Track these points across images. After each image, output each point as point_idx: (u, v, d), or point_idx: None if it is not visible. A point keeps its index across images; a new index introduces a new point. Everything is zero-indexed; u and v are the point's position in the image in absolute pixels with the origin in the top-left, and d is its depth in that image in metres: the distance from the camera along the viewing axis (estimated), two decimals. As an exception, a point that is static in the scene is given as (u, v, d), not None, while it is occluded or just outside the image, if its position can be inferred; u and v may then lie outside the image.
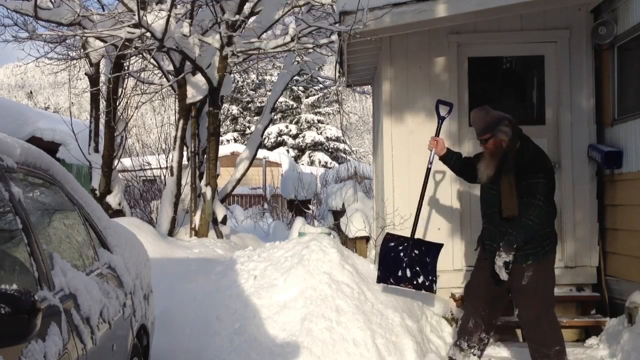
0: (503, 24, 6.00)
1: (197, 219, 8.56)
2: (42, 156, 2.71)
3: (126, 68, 9.50)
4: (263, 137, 12.01)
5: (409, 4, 5.31)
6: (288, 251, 5.33)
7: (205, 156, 8.94)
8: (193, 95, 8.68)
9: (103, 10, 9.82)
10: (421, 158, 5.55)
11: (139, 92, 10.20)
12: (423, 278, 5.02)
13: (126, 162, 12.85)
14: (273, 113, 11.16)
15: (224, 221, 9.38)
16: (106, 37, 7.64)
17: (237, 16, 7.90)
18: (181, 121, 8.83)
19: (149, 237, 6.83)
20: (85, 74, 9.39)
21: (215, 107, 8.60)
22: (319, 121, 38.28)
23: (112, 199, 8.86)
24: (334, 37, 7.48)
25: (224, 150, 23.79)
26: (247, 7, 8.50)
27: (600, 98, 5.91)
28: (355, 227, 7.51)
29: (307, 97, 38.18)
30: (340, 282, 4.92)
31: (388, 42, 6.05)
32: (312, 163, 35.41)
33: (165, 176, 10.50)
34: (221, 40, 7.98)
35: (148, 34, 7.23)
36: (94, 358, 2.54)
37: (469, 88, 6.09)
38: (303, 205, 15.57)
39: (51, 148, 12.59)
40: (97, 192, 8.76)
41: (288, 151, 34.68)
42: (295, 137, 37.64)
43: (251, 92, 35.92)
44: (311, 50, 9.23)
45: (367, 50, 6.40)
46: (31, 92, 55.56)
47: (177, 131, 8.94)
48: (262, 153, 23.07)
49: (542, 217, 4.29)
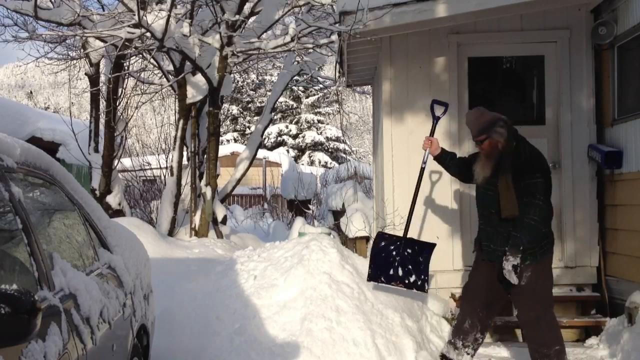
0: (503, 24, 6.00)
1: (197, 219, 8.56)
2: (42, 156, 2.71)
3: (126, 68, 9.50)
4: (263, 137, 12.01)
5: (409, 4, 5.32)
6: (288, 251, 5.33)
7: (205, 156, 8.94)
8: (193, 95, 8.68)
9: (103, 10, 9.82)
10: (421, 158, 5.54)
11: (139, 92, 10.20)
12: (415, 277, 5.00)
13: (126, 162, 12.85)
14: (273, 113, 11.16)
15: (224, 221, 9.38)
16: (106, 37, 7.64)
17: (237, 16, 7.90)
18: (181, 121, 8.83)
19: (149, 237, 6.84)
20: (85, 74, 9.39)
21: (215, 107, 8.60)
22: (319, 121, 38.27)
23: (112, 199, 8.86)
24: (334, 37, 7.48)
25: (224, 150, 23.79)
26: (247, 7, 8.50)
27: (600, 98, 5.91)
28: (355, 227, 7.51)
29: (307, 97, 38.17)
30: (340, 282, 4.92)
31: (388, 42, 6.05)
32: (312, 163, 35.40)
33: (165, 176, 10.51)
34: (221, 40, 7.98)
35: (148, 34, 7.23)
36: (94, 358, 2.54)
37: (469, 88, 6.09)
38: (303, 205, 15.57)
39: (51, 148, 12.59)
40: (97, 192, 8.77)
41: (288, 151, 34.69)
42: (295, 137, 37.63)
43: (251, 92, 35.92)
44: (311, 50, 9.23)
45: (367, 50, 6.40)
46: (31, 92, 55.54)
47: (177, 131, 8.94)
48: (262, 153, 23.07)
49: (543, 217, 4.30)
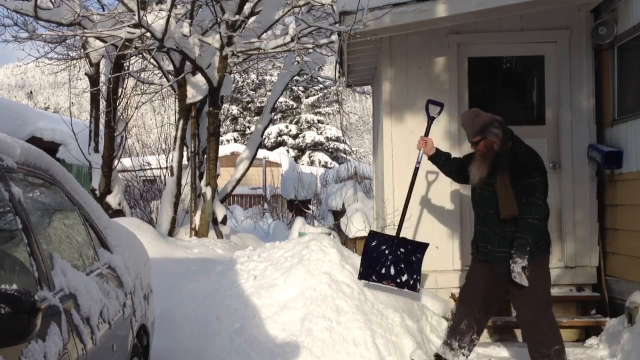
0: (503, 24, 6.00)
1: (197, 219, 8.57)
2: (42, 156, 2.71)
3: (126, 68, 9.50)
4: (263, 137, 12.01)
5: (409, 4, 5.32)
6: (288, 251, 5.32)
7: (205, 156, 8.94)
8: (193, 95, 8.68)
9: (103, 10, 9.82)
10: (421, 158, 5.55)
11: (139, 92, 10.20)
12: (407, 277, 4.98)
13: (126, 162, 12.85)
14: (273, 113, 11.15)
15: (224, 221, 9.38)
16: (106, 37, 7.65)
17: (237, 16, 7.90)
18: (181, 121, 8.83)
19: (149, 237, 6.84)
20: (85, 74, 9.40)
21: (215, 107, 8.60)
22: (319, 121, 38.27)
23: (112, 199, 8.86)
24: (334, 37, 7.48)
25: (224, 150, 23.80)
26: (247, 7, 8.50)
27: (600, 98, 5.91)
28: (355, 227, 7.51)
29: (307, 97, 38.17)
30: (340, 282, 4.92)
31: (388, 42, 6.05)
32: (312, 163, 35.40)
33: (165, 176, 10.51)
34: (221, 40, 7.98)
35: (148, 34, 7.23)
36: (94, 358, 2.54)
37: (469, 88, 6.09)
38: (303, 205, 15.57)
39: (51, 148, 12.59)
40: (97, 192, 8.77)
41: (288, 151, 34.69)
42: (295, 137, 37.63)
43: (251, 92, 35.91)
44: (311, 50, 9.23)
45: (367, 50, 6.40)
46: (31, 92, 55.54)
47: (177, 131, 8.94)
48: (262, 153, 23.07)
49: (543, 216, 4.31)
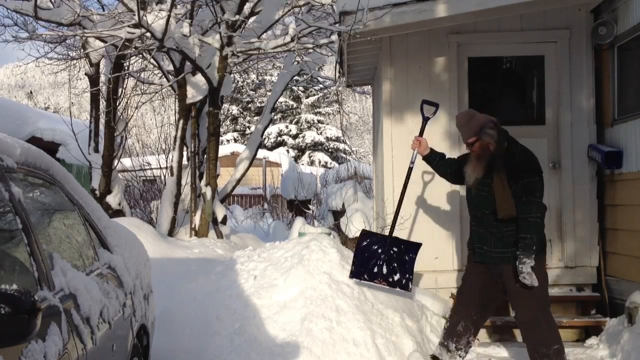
0: (503, 24, 6.00)
1: (197, 219, 8.56)
2: (42, 156, 2.71)
3: (126, 68, 9.50)
4: (263, 137, 12.01)
5: (409, 4, 5.32)
6: (288, 251, 5.33)
7: (205, 156, 8.94)
8: (193, 95, 8.68)
9: (103, 10, 9.82)
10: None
11: (139, 92, 10.20)
12: (399, 276, 4.97)
13: (126, 162, 12.85)
14: (273, 113, 11.15)
15: (224, 221, 9.38)
16: (106, 37, 7.64)
17: (237, 16, 7.90)
18: (181, 121, 8.83)
19: (149, 237, 6.84)
20: (85, 74, 9.40)
21: (215, 107, 8.60)
22: (319, 121, 38.27)
23: (112, 199, 8.86)
24: (334, 37, 7.48)
25: (224, 150, 23.80)
26: (247, 7, 8.50)
27: (600, 98, 5.91)
28: (355, 227, 7.51)
29: (307, 97, 38.17)
30: (340, 282, 4.92)
31: (388, 42, 6.05)
32: (312, 163, 35.41)
33: (165, 176, 10.51)
34: (221, 40, 7.98)
35: (148, 34, 7.23)
36: (94, 358, 2.54)
37: (469, 88, 6.09)
38: (303, 205, 15.58)
39: (51, 148, 12.59)
40: (97, 192, 8.77)
41: (288, 151, 34.69)
42: (295, 137, 37.63)
43: (251, 92, 35.91)
44: (311, 50, 9.23)
45: (367, 50, 6.40)
46: (31, 92, 55.54)
47: (177, 131, 8.94)
48: (262, 153, 23.08)
49: (543, 215, 4.31)
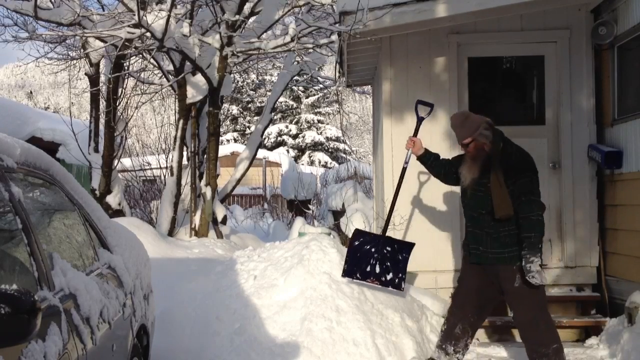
0: (503, 24, 6.00)
1: (197, 219, 8.56)
2: (42, 156, 2.71)
3: (126, 68, 9.50)
4: (263, 137, 12.01)
5: (409, 4, 5.32)
6: (288, 251, 5.33)
7: (205, 156, 8.94)
8: (193, 95, 8.68)
9: (103, 10, 9.82)
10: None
11: (139, 92, 10.20)
12: (392, 275, 4.96)
13: (126, 162, 12.85)
14: (273, 113, 11.15)
15: (224, 221, 9.38)
16: (106, 37, 7.64)
17: (237, 16, 7.90)
18: (181, 121, 8.83)
19: (149, 237, 6.84)
20: (85, 74, 9.39)
21: (215, 107, 8.60)
22: (319, 121, 38.28)
23: (112, 199, 8.86)
24: (334, 37, 7.48)
25: (224, 150, 23.80)
26: (247, 7, 8.50)
27: (600, 98, 5.91)
28: (355, 227, 7.50)
29: (307, 97, 38.17)
30: (340, 282, 4.92)
31: (388, 42, 6.05)
32: (312, 163, 35.41)
33: (165, 176, 10.51)
34: (221, 40, 7.98)
35: (148, 34, 7.23)
36: (94, 358, 2.54)
37: (469, 88, 6.08)
38: (303, 205, 15.58)
39: (51, 148, 12.60)
40: (97, 192, 8.77)
41: (288, 151, 34.69)
42: (295, 137, 37.64)
43: (251, 92, 35.91)
44: (311, 50, 9.22)
45: (367, 50, 6.40)
46: (31, 92, 55.57)
47: (177, 131, 8.94)
48: (262, 153, 23.08)
49: (543, 213, 4.32)
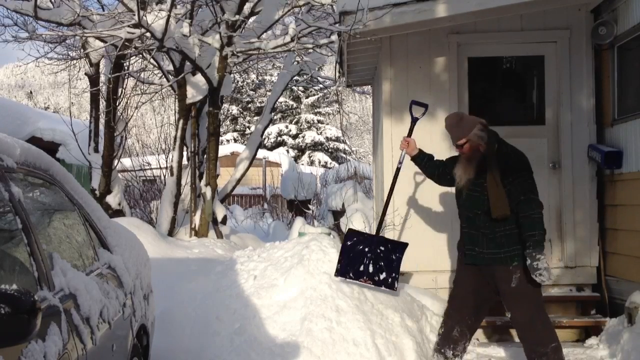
0: (503, 24, 6.00)
1: (197, 219, 8.56)
2: (42, 156, 2.71)
3: (126, 68, 9.50)
4: (263, 137, 12.01)
5: (409, 4, 5.32)
6: (288, 251, 5.32)
7: (205, 156, 8.94)
8: (193, 95, 8.68)
9: (103, 10, 9.82)
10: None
11: (139, 92, 10.19)
12: (385, 275, 4.95)
13: (126, 162, 12.85)
14: (273, 113, 11.15)
15: (224, 221, 9.38)
16: (106, 37, 7.64)
17: (237, 16, 7.90)
18: (181, 121, 8.83)
19: (149, 237, 6.83)
20: (85, 74, 9.39)
21: (215, 107, 8.60)
22: (319, 121, 38.28)
23: (112, 199, 8.86)
24: (334, 37, 7.48)
25: (224, 150, 23.80)
26: (247, 7, 8.50)
27: (600, 98, 5.91)
28: (355, 227, 7.50)
29: (307, 97, 38.18)
30: (340, 282, 4.92)
31: (388, 42, 6.05)
32: (312, 163, 35.41)
33: (165, 176, 10.50)
34: (221, 40, 7.97)
35: (148, 34, 7.23)
36: (94, 358, 2.54)
37: (469, 88, 6.08)
38: (303, 205, 15.57)
39: (51, 148, 12.60)
40: (97, 192, 8.76)
41: (288, 151, 34.70)
42: (295, 137, 37.64)
43: (251, 92, 35.92)
44: (311, 50, 9.22)
45: (367, 50, 6.40)
46: (31, 92, 55.59)
47: (177, 131, 8.94)
48: (262, 153, 23.08)
49: (542, 211, 4.33)
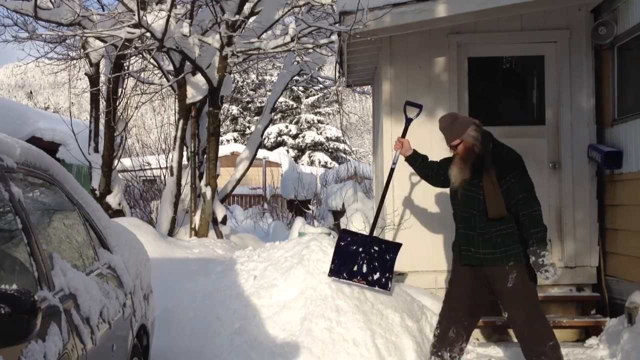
0: (503, 24, 6.00)
1: (197, 219, 8.56)
2: (42, 156, 2.72)
3: (126, 68, 9.50)
4: (263, 137, 12.00)
5: (409, 4, 5.32)
6: (288, 251, 5.33)
7: (205, 156, 8.94)
8: (193, 95, 8.68)
9: (103, 10, 9.82)
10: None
11: (139, 92, 10.19)
12: (379, 275, 4.94)
13: (126, 162, 12.85)
14: (273, 113, 11.15)
15: (224, 221, 9.37)
16: (106, 37, 7.64)
17: (237, 16, 7.90)
18: (181, 121, 8.82)
19: (149, 237, 6.83)
20: (85, 74, 9.39)
21: (215, 107, 8.59)
22: (319, 121, 38.28)
23: (112, 199, 8.86)
24: (334, 37, 7.48)
25: (224, 150, 23.81)
26: (247, 7, 8.50)
27: (600, 98, 5.91)
28: (355, 227, 7.51)
29: (307, 97, 38.18)
30: (340, 282, 4.92)
31: (388, 42, 6.05)
32: (312, 163, 35.42)
33: (165, 176, 10.50)
34: (221, 40, 7.97)
35: (148, 34, 7.23)
36: (94, 358, 2.54)
37: (469, 88, 6.09)
38: (303, 205, 15.57)
39: (51, 148, 12.60)
40: (97, 192, 8.76)
41: (288, 151, 34.71)
42: (295, 137, 37.64)
43: (251, 92, 35.91)
44: (311, 50, 9.22)
45: (367, 50, 6.40)
46: (31, 92, 55.58)
47: (177, 131, 8.93)
48: (262, 153, 23.09)
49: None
